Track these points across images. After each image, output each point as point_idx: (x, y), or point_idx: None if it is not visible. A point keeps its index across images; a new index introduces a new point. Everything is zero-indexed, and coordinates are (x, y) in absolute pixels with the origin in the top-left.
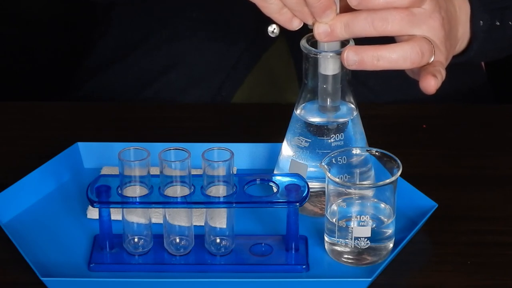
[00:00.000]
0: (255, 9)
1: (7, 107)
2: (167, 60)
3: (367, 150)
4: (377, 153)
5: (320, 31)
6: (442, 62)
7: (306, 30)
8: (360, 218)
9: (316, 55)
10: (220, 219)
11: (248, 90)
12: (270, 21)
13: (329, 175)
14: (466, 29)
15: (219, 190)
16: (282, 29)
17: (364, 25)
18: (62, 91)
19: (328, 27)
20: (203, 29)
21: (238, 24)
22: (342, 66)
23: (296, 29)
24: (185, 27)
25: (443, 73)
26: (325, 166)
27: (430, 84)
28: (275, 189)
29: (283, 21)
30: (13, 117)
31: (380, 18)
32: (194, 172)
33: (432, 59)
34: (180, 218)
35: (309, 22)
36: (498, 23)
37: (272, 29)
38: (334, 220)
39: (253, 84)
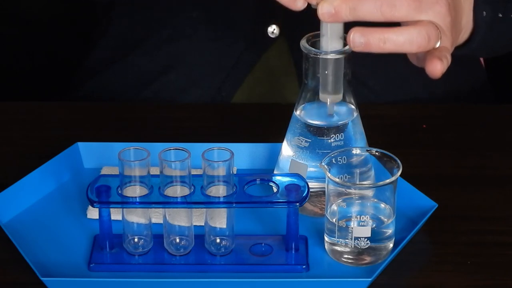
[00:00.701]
0: (255, 9)
1: (7, 107)
2: (167, 60)
3: (367, 150)
4: (377, 153)
5: (324, 11)
6: (448, 48)
7: (305, 30)
8: (360, 218)
9: (316, 55)
10: (220, 219)
11: (248, 90)
12: (270, 22)
13: (329, 175)
14: (469, 18)
15: (219, 190)
16: (281, 29)
17: (371, 10)
18: (62, 91)
19: (333, 8)
20: (203, 29)
21: (238, 24)
22: (344, 66)
23: (301, 9)
24: (185, 27)
25: (449, 58)
26: (325, 166)
27: (436, 68)
28: (275, 189)
29: (287, 1)
30: (13, 117)
31: (388, 3)
32: (194, 172)
33: (438, 44)
34: (180, 218)
35: (313, 2)
36: (501, 15)
37: (272, 29)
38: (334, 220)
39: (253, 84)
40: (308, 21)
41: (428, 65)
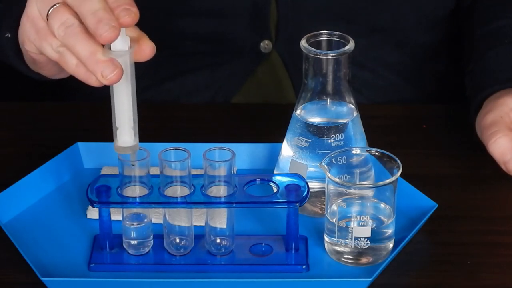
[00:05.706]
0: (248, 26)
1: (7, 107)
2: (165, 72)
3: (367, 150)
4: (377, 153)
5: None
6: None
7: (296, 44)
8: (360, 218)
9: (316, 55)
10: (220, 219)
11: (244, 101)
12: (263, 37)
13: (329, 175)
14: None
15: (219, 190)
16: (274, 44)
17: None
18: (62, 91)
19: None
20: (201, 44)
21: (231, 40)
22: (343, 66)
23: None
24: (184, 44)
25: None
26: (325, 166)
27: None
28: (275, 189)
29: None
30: (13, 117)
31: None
32: (194, 172)
33: None
34: (180, 218)
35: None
36: None
37: (265, 45)
38: (334, 220)
39: (247, 96)
40: (298, 35)
41: None
